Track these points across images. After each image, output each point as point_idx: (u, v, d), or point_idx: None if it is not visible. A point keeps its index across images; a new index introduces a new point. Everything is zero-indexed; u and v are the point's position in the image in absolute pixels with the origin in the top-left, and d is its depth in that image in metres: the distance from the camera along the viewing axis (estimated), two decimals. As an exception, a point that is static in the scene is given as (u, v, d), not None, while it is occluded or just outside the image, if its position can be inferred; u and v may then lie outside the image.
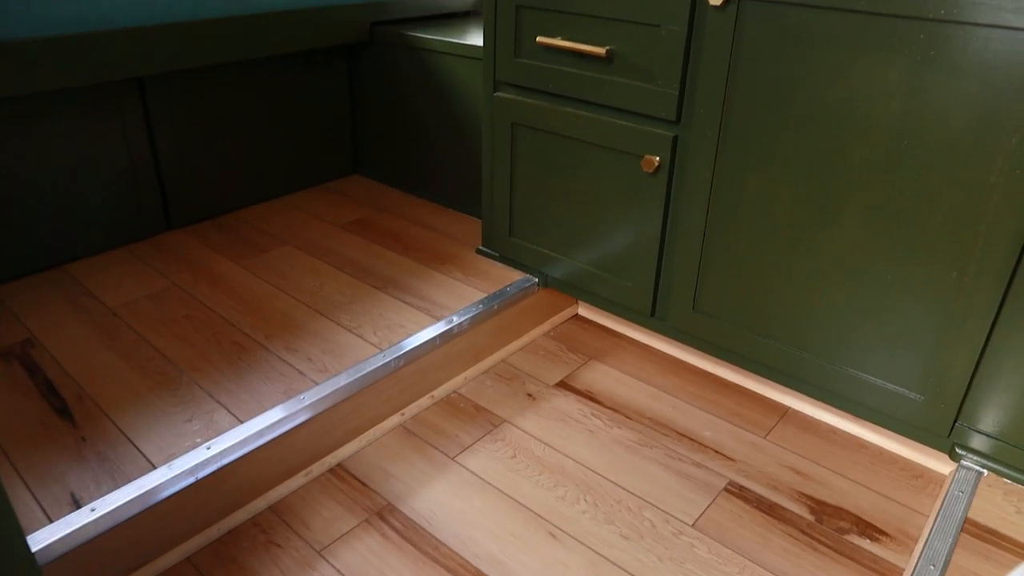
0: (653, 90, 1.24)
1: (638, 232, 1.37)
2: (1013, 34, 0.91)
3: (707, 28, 1.15)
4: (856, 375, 1.19)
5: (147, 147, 1.69)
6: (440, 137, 1.90)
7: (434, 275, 1.60)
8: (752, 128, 1.16)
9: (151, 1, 1.55)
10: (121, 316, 1.41)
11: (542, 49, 1.38)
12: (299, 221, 1.86)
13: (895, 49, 0.99)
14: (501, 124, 1.49)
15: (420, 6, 2.06)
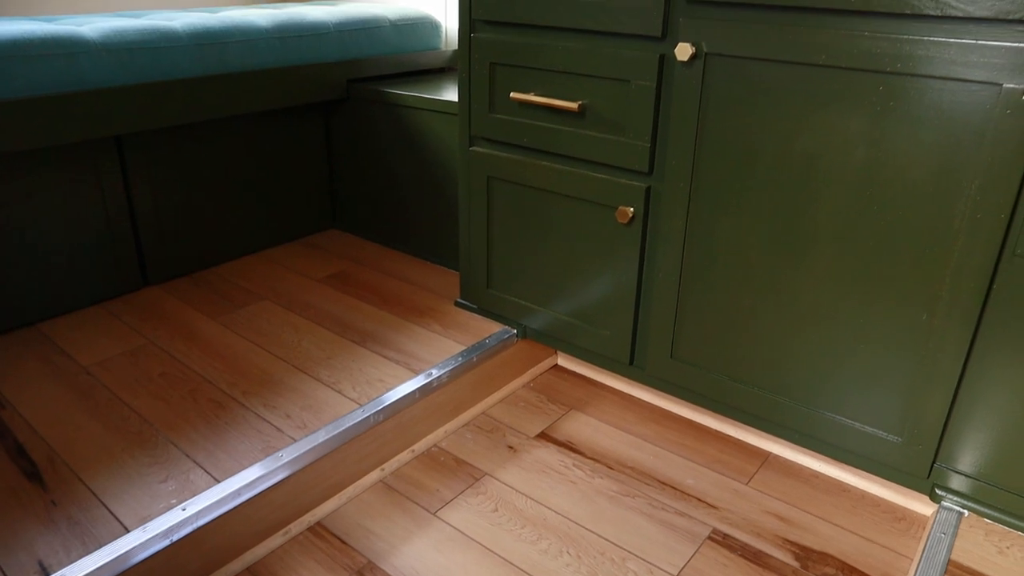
0: (625, 143, 1.27)
1: (615, 282, 1.38)
2: (965, 86, 0.95)
3: (675, 83, 1.18)
4: (835, 419, 1.20)
5: (124, 204, 1.69)
6: (417, 191, 1.93)
7: (413, 328, 1.60)
8: (723, 178, 1.19)
9: (130, 61, 1.57)
10: (95, 375, 1.39)
11: (516, 104, 1.41)
12: (277, 275, 1.86)
13: (856, 101, 1.03)
14: (477, 178, 1.51)
15: (395, 63, 2.10)
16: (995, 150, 0.95)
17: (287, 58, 1.86)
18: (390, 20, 2.09)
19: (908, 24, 0.98)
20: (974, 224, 0.99)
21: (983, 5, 0.92)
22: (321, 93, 1.94)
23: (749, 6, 1.09)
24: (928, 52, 0.96)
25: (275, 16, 1.87)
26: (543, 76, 1.35)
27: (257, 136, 1.94)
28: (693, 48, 1.14)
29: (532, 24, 1.34)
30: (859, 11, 1.01)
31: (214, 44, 1.71)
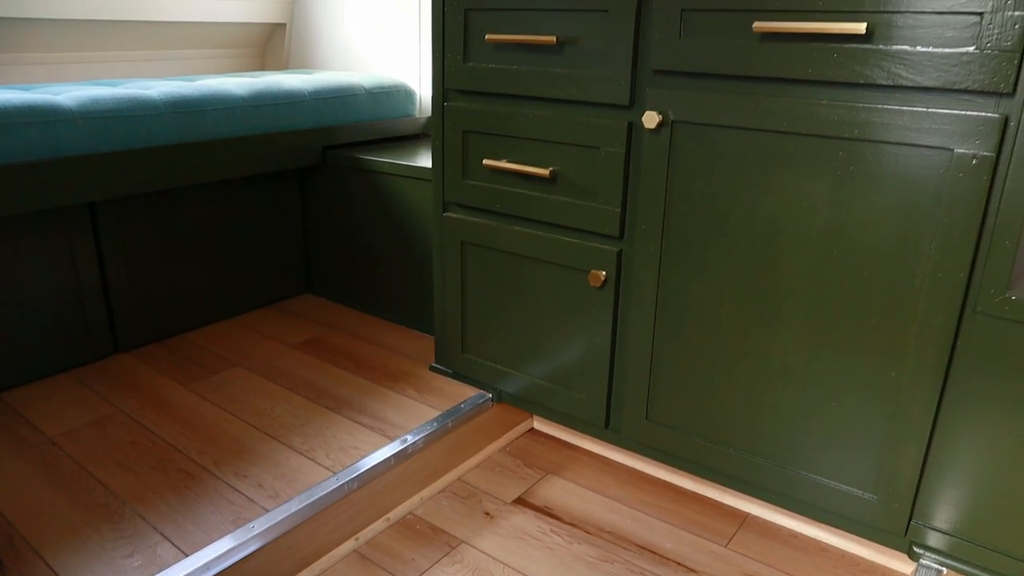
0: (596, 208, 1.30)
1: (589, 345, 1.39)
2: (919, 151, 0.99)
3: (644, 149, 1.22)
4: (810, 478, 1.20)
5: (96, 270, 1.68)
6: (391, 256, 1.94)
7: (388, 394, 1.59)
8: (692, 241, 1.21)
9: (106, 129, 1.58)
10: (61, 446, 1.36)
11: (489, 171, 1.44)
12: (250, 342, 1.84)
13: (817, 165, 1.07)
14: (451, 243, 1.53)
15: (370, 130, 2.14)
16: (951, 212, 0.98)
17: (263, 125, 1.89)
18: (365, 88, 2.13)
19: (863, 93, 1.02)
20: (935, 283, 1.02)
21: (931, 76, 0.96)
22: (296, 160, 1.97)
23: (712, 76, 1.14)
24: (883, 119, 1.00)
25: (252, 85, 1.90)
26: (515, 143, 1.39)
27: (232, 202, 1.95)
28: (660, 116, 1.17)
29: (504, 93, 1.38)
30: (816, 81, 1.05)
31: (191, 112, 1.73)
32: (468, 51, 1.40)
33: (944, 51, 0.95)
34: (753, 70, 1.09)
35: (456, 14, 1.39)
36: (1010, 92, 0.93)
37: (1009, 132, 0.94)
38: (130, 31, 2.25)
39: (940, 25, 0.95)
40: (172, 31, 2.36)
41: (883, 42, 0.99)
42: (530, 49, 1.32)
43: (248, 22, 2.53)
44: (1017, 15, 0.90)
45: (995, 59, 0.92)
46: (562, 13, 1.26)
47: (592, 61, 1.25)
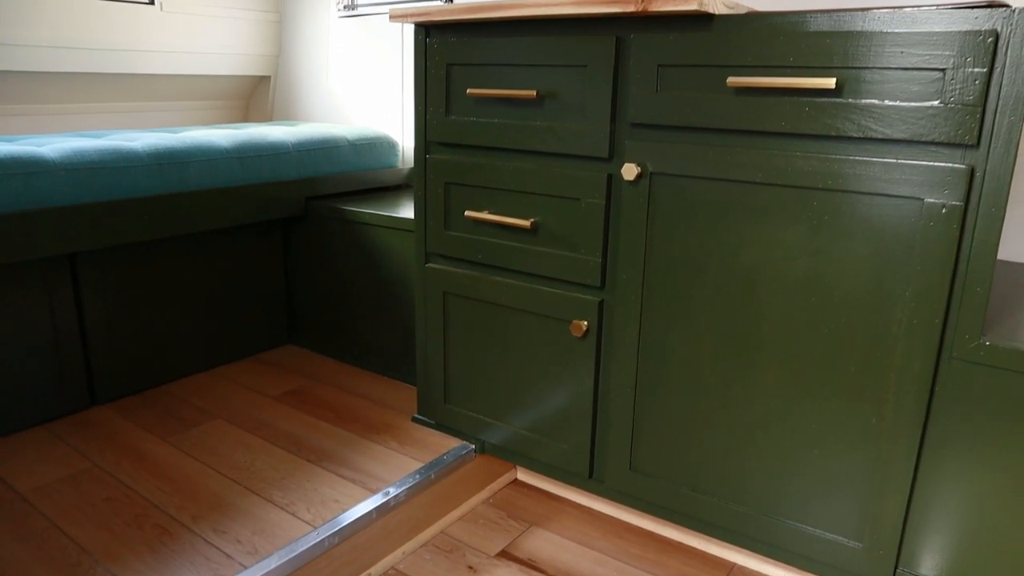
0: (577, 258, 1.31)
1: (571, 394, 1.39)
2: (891, 200, 1.02)
3: (623, 200, 1.24)
4: (796, 526, 1.19)
5: (74, 321, 1.67)
6: (374, 306, 1.94)
7: (370, 446, 1.57)
8: (672, 290, 1.22)
9: (89, 181, 1.58)
10: (32, 502, 1.33)
11: (470, 222, 1.45)
12: (231, 393, 1.82)
13: (793, 215, 1.09)
14: (433, 294, 1.54)
15: (353, 181, 2.16)
16: (924, 260, 1.00)
17: (247, 177, 1.90)
18: (348, 140, 2.16)
19: (835, 145, 1.05)
20: (911, 330, 1.03)
21: (899, 128, 0.99)
22: (279, 210, 1.98)
23: (689, 129, 1.17)
24: (855, 170, 1.03)
25: (236, 136, 1.92)
26: (497, 195, 1.41)
27: (214, 252, 1.95)
28: (639, 168, 1.20)
29: (485, 146, 1.40)
30: (789, 133, 1.08)
31: (174, 164, 1.74)
32: (450, 105, 1.43)
33: (911, 105, 0.98)
34: (728, 123, 1.12)
35: (438, 69, 1.42)
36: (974, 144, 0.96)
37: (976, 182, 0.97)
38: (116, 83, 2.28)
39: (906, 80, 0.98)
40: (158, 83, 2.38)
41: (853, 96, 1.02)
42: (511, 103, 1.35)
43: (233, 75, 2.57)
44: (977, 71, 0.93)
45: (959, 112, 0.95)
46: (542, 68, 1.29)
47: (572, 114, 1.27)
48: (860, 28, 1.01)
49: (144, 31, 2.26)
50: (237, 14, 2.50)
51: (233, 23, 2.50)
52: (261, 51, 2.62)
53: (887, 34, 0.98)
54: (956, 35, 0.94)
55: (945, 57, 0.95)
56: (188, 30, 2.37)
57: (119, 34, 2.20)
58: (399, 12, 1.39)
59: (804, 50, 1.04)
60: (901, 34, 0.97)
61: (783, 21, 1.06)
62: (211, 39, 2.44)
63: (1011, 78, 0.93)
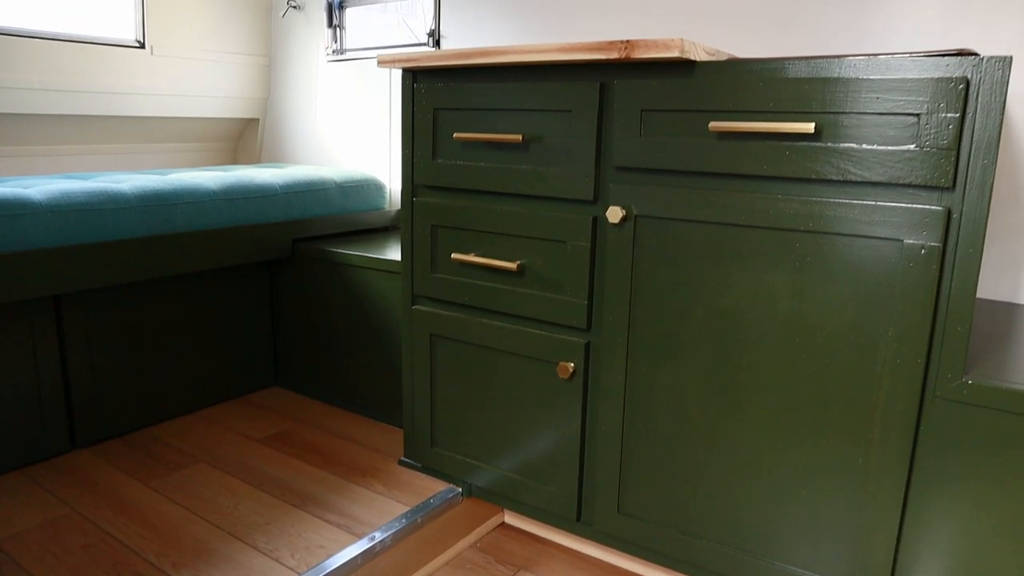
0: (564, 300, 1.32)
1: (558, 436, 1.38)
2: (871, 242, 1.03)
3: (609, 243, 1.25)
4: (786, 568, 1.19)
5: (57, 363, 1.65)
6: (361, 348, 1.93)
7: (356, 489, 1.55)
8: (658, 332, 1.23)
9: (76, 223, 1.58)
10: (6, 550, 1.30)
11: (457, 264, 1.46)
12: (215, 436, 1.80)
13: (775, 257, 1.11)
14: (419, 336, 1.53)
15: (341, 223, 2.16)
16: (905, 300, 1.02)
17: (234, 219, 1.90)
18: (336, 182, 2.17)
19: (815, 188, 1.07)
20: (895, 369, 1.04)
21: (878, 171, 1.02)
22: (267, 252, 1.98)
23: (672, 172, 1.19)
24: (835, 212, 1.05)
25: (224, 179, 1.93)
26: (483, 237, 1.42)
27: (200, 294, 1.94)
28: (623, 211, 1.21)
29: (472, 189, 1.41)
30: (770, 176, 1.10)
31: (162, 206, 1.74)
32: (437, 148, 1.45)
33: (888, 148, 1.01)
34: (711, 166, 1.14)
35: (425, 113, 1.44)
36: (950, 186, 0.98)
37: (953, 223, 0.99)
38: (105, 125, 2.29)
39: (883, 125, 1.01)
40: (147, 125, 2.40)
41: (831, 140, 1.05)
42: (497, 147, 1.36)
43: (222, 117, 2.59)
44: (950, 116, 0.96)
45: (934, 156, 0.98)
46: (528, 113, 1.31)
47: (557, 158, 1.29)
48: (837, 75, 1.03)
49: (134, 74, 2.28)
50: (227, 58, 2.53)
51: (223, 66, 2.53)
52: (250, 94, 2.65)
53: (863, 80, 1.01)
54: (929, 82, 0.97)
55: (919, 103, 0.98)
56: (178, 73, 2.40)
57: (109, 77, 2.22)
58: (387, 58, 1.42)
59: (783, 95, 1.07)
60: (876, 80, 1.00)
61: (763, 68, 1.09)
62: (201, 82, 2.47)
63: (983, 123, 0.96)
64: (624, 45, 1.14)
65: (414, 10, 2.36)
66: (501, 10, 2.07)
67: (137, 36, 2.30)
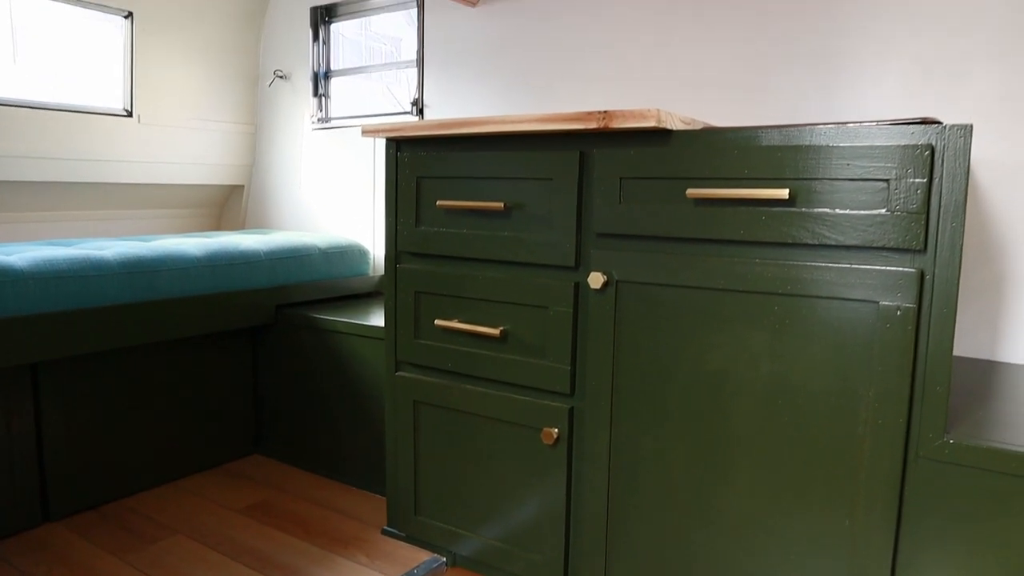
0: (547, 366, 1.32)
1: (544, 504, 1.37)
2: (848, 304, 1.05)
3: (591, 308, 1.26)
4: (775, 638, 1.16)
5: (32, 433, 1.62)
6: (343, 415, 1.91)
7: (338, 561, 1.52)
8: (642, 395, 1.23)
9: (57, 289, 1.57)
10: (-23, 634, 1.25)
11: (440, 330, 1.46)
12: (193, 507, 1.76)
13: (755, 320, 1.12)
14: (403, 402, 1.53)
15: (324, 288, 2.17)
16: (884, 360, 1.03)
17: (217, 285, 1.90)
18: (320, 248, 2.19)
19: (792, 251, 1.09)
20: (877, 430, 1.04)
21: (852, 235, 1.04)
22: (249, 318, 1.97)
23: (652, 238, 1.21)
24: (812, 275, 1.07)
25: (208, 245, 1.93)
26: (466, 303, 1.42)
27: (180, 361, 1.92)
28: (604, 277, 1.23)
29: (455, 256, 1.43)
30: (748, 241, 1.12)
31: (144, 272, 1.74)
32: (420, 216, 1.47)
33: (860, 213, 1.03)
34: (689, 232, 1.16)
35: (409, 181, 1.46)
36: (922, 249, 1.01)
37: (927, 284, 1.01)
38: (92, 192, 2.30)
39: (854, 190, 1.04)
40: (133, 192, 2.41)
41: (805, 205, 1.07)
42: (480, 214, 1.38)
43: (208, 184, 2.61)
44: (918, 181, 0.99)
45: (905, 220, 1.00)
46: (509, 181, 1.34)
47: (539, 225, 1.31)
48: (808, 142, 1.07)
49: (121, 142, 2.30)
50: (213, 126, 2.57)
51: (209, 134, 2.56)
52: (235, 161, 2.68)
53: (834, 148, 1.04)
54: (896, 149, 1.00)
55: (888, 169, 1.01)
56: (164, 141, 2.42)
57: (97, 144, 2.24)
58: (371, 128, 1.45)
59: (758, 163, 1.10)
60: (846, 148, 1.03)
61: (737, 136, 1.12)
62: (187, 149, 2.50)
63: (949, 187, 0.99)
64: (602, 115, 1.17)
65: (398, 78, 2.42)
66: (483, 80, 2.13)
67: (125, 105, 2.33)
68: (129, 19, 2.29)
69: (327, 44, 2.56)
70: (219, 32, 2.52)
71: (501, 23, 2.09)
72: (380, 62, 2.46)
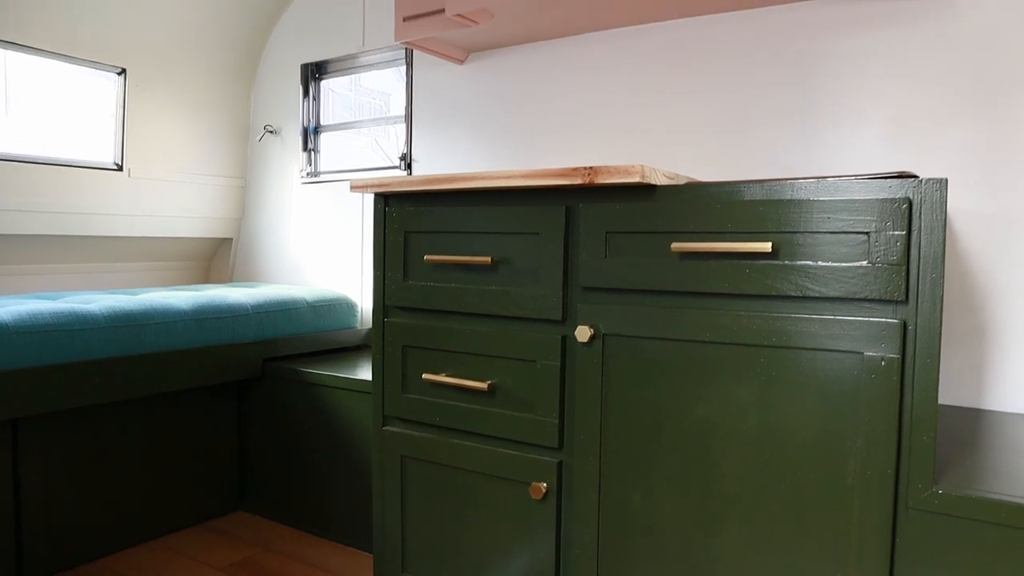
0: (535, 420, 1.32)
1: (533, 559, 1.35)
2: (833, 355, 1.06)
3: (578, 361, 1.26)
4: None
5: (9, 491, 1.58)
6: (330, 470, 1.89)
7: (323, 620, 1.48)
8: (630, 448, 1.23)
9: (42, 344, 1.56)
10: None
11: (428, 384, 1.46)
12: (174, 566, 1.72)
13: (742, 372, 1.12)
14: (390, 457, 1.51)
15: (312, 342, 2.16)
16: (870, 411, 1.03)
17: (204, 339, 1.90)
18: (307, 301, 2.19)
19: (776, 304, 1.11)
20: (865, 481, 1.04)
21: (834, 287, 1.05)
22: (236, 372, 1.96)
23: (638, 291, 1.22)
24: (797, 327, 1.08)
25: (195, 299, 1.93)
26: (454, 357, 1.42)
27: (165, 414, 1.90)
28: (591, 330, 1.23)
29: (442, 310, 1.43)
30: (732, 294, 1.13)
31: (131, 326, 1.73)
32: (408, 270, 1.47)
33: (842, 265, 1.05)
34: (675, 285, 1.17)
35: (397, 236, 1.47)
36: (903, 300, 1.02)
37: (909, 335, 1.02)
38: (81, 245, 2.30)
39: (835, 243, 1.05)
40: (122, 245, 2.41)
41: (788, 258, 1.09)
42: (467, 268, 1.39)
43: (196, 237, 2.62)
44: (897, 234, 1.01)
45: (886, 271, 1.02)
46: (496, 235, 1.35)
47: (526, 279, 1.32)
48: (790, 196, 1.09)
49: (111, 195, 2.31)
50: (203, 180, 2.59)
51: (199, 188, 2.58)
52: (224, 214, 2.69)
53: (814, 202, 1.06)
54: (875, 202, 1.02)
55: (868, 221, 1.03)
56: (154, 194, 2.44)
57: (86, 198, 2.25)
58: (360, 183, 1.46)
59: (741, 216, 1.12)
60: (827, 202, 1.06)
61: (719, 191, 1.14)
62: (176, 203, 2.51)
63: (927, 240, 1.00)
64: (588, 171, 1.19)
65: (387, 133, 2.45)
66: (470, 134, 2.17)
67: (116, 159, 2.35)
68: (122, 75, 2.32)
69: (317, 100, 2.60)
70: (211, 88, 2.56)
71: (488, 80, 2.13)
72: (369, 116, 2.50)
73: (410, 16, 1.88)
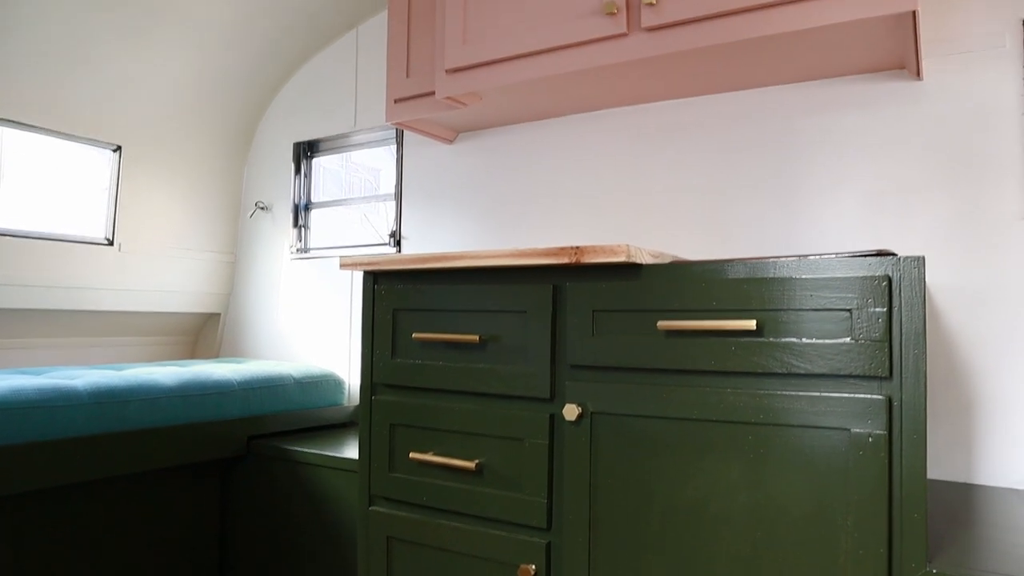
0: (523, 499, 1.30)
1: (524, 642, 1.31)
2: (820, 432, 1.06)
3: (566, 439, 1.26)
4: None
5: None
6: (315, 551, 1.84)
7: None
8: (621, 528, 1.21)
9: (23, 420, 1.53)
10: None
11: (415, 463, 1.44)
12: (151, 658, 1.65)
13: (731, 449, 1.12)
14: (377, 538, 1.48)
15: (298, 419, 2.14)
16: (860, 488, 1.03)
17: (189, 415, 1.87)
18: (294, 378, 2.17)
19: (762, 381, 1.11)
20: (858, 561, 1.03)
21: (819, 364, 1.06)
22: (220, 450, 1.93)
23: (624, 370, 1.22)
24: (783, 404, 1.08)
25: (180, 374, 1.91)
26: (441, 436, 1.41)
27: (145, 493, 1.86)
28: (579, 408, 1.23)
29: (430, 388, 1.43)
30: (719, 371, 1.14)
31: (114, 402, 1.71)
32: (396, 347, 1.48)
33: (826, 342, 1.06)
34: (662, 363, 1.18)
35: (385, 314, 1.48)
36: (887, 376, 1.03)
37: (895, 411, 1.03)
38: (68, 319, 2.29)
39: (819, 320, 1.07)
40: (109, 320, 2.40)
41: (773, 335, 1.10)
42: (455, 346, 1.40)
43: (184, 312, 2.62)
44: (879, 311, 1.03)
45: (869, 348, 1.03)
46: (484, 314, 1.36)
47: (514, 357, 1.33)
48: (773, 275, 1.11)
49: (100, 270, 2.32)
50: (193, 255, 2.60)
51: (188, 263, 2.59)
52: (213, 289, 2.70)
53: (797, 280, 1.08)
54: (856, 280, 1.05)
55: (849, 299, 1.05)
56: (143, 269, 2.44)
57: (75, 272, 2.25)
58: (349, 261, 1.48)
59: (725, 295, 1.13)
60: (809, 279, 1.08)
61: (704, 269, 1.16)
62: (165, 278, 2.51)
63: (908, 316, 1.02)
64: (574, 251, 1.21)
65: (377, 209, 2.49)
66: (459, 212, 2.20)
67: (107, 233, 2.36)
68: (118, 152, 2.36)
69: (308, 177, 2.64)
70: (204, 164, 2.60)
71: (476, 159, 2.18)
72: (360, 192, 2.54)
73: (401, 98, 1.94)
